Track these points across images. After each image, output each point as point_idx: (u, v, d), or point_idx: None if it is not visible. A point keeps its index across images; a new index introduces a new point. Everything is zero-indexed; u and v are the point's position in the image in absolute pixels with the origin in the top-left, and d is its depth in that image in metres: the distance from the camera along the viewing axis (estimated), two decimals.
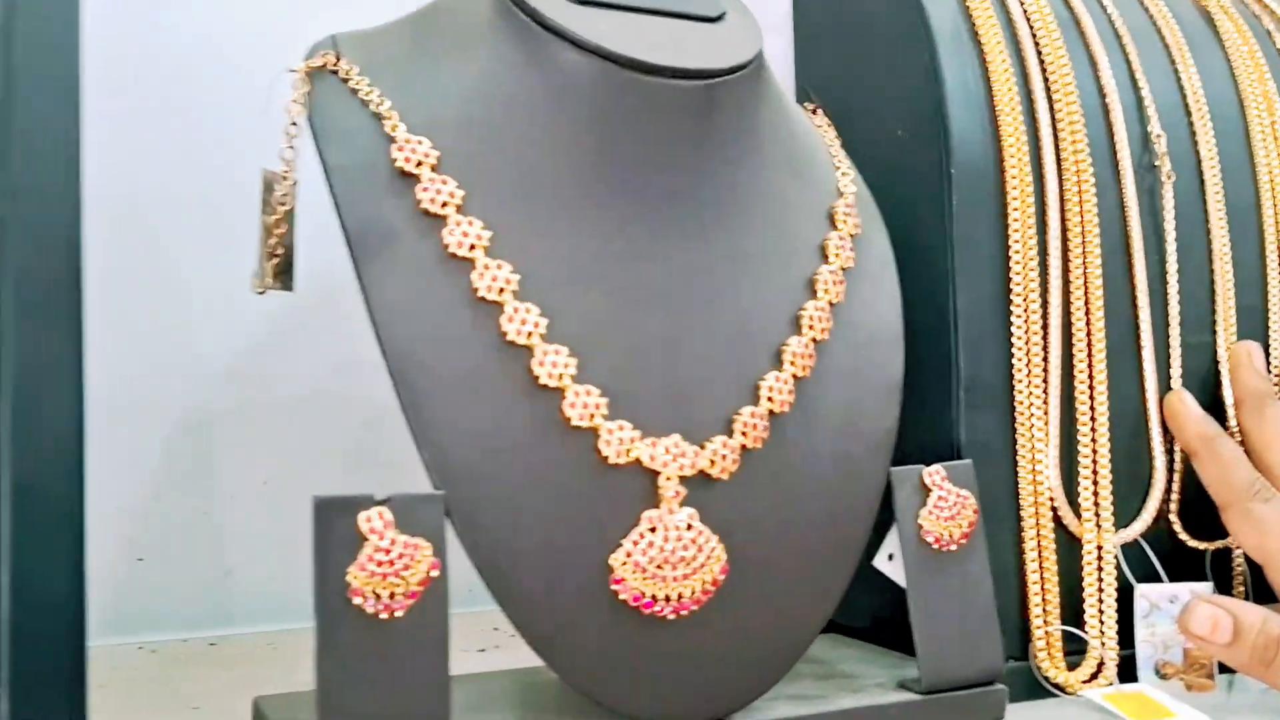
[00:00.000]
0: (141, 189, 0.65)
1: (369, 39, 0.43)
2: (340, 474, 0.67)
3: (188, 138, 0.65)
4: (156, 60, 0.65)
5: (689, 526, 0.38)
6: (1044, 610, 0.48)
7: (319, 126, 0.40)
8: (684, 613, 0.38)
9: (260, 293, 0.42)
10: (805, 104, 0.52)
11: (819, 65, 0.59)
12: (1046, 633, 0.48)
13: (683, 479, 0.39)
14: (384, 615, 0.35)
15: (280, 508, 0.64)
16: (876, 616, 0.52)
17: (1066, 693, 0.47)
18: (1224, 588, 0.52)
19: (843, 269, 0.44)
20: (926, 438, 0.49)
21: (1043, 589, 0.48)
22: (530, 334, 0.38)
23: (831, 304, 0.43)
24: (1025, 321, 0.48)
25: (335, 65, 0.42)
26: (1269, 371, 0.53)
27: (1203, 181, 0.53)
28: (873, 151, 0.52)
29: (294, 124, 0.41)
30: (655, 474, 0.38)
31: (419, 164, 0.39)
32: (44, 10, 0.37)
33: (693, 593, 0.38)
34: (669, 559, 0.38)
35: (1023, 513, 0.48)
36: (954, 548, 0.44)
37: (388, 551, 0.35)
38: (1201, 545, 0.51)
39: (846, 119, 0.54)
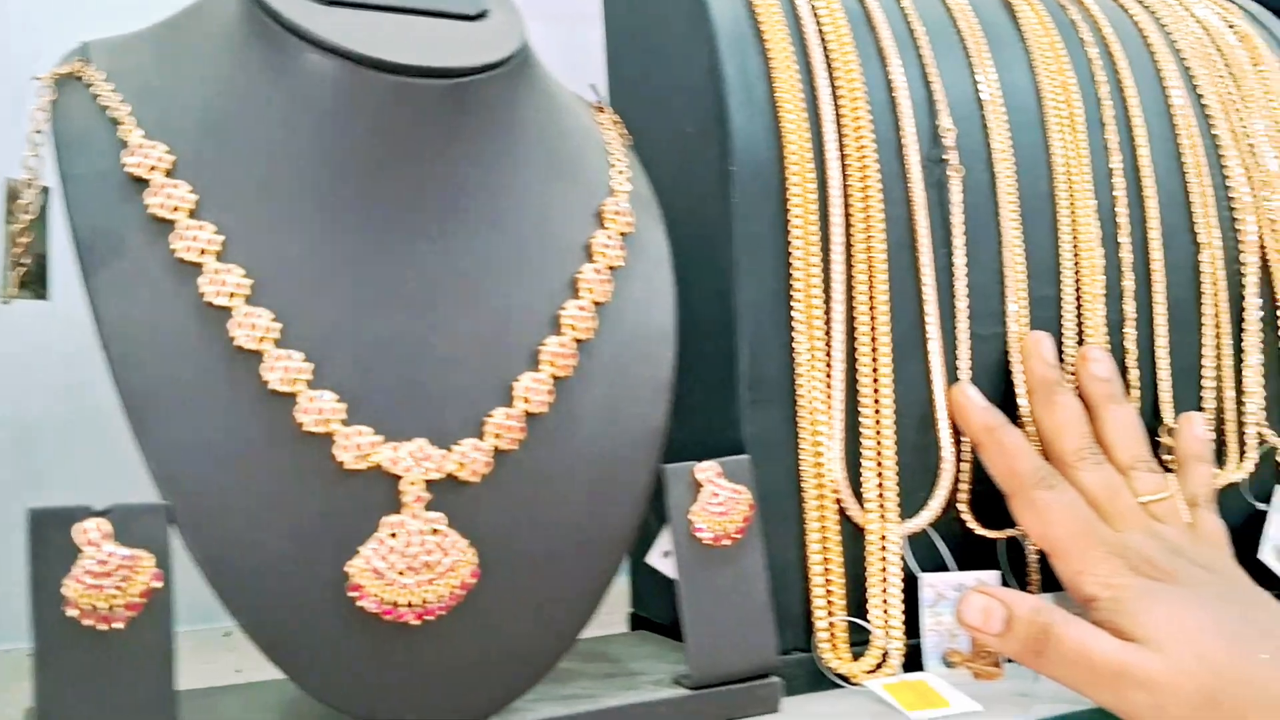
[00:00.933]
0: None
1: (119, 46, 0.43)
2: None
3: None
4: None
5: (434, 531, 0.38)
6: (828, 602, 0.48)
7: (60, 135, 0.40)
8: (429, 618, 0.38)
9: (5, 302, 0.42)
10: (595, 104, 0.51)
11: (625, 60, 0.59)
12: (830, 624, 0.48)
13: (429, 483, 0.38)
14: (103, 628, 0.34)
15: None
16: None
17: (851, 683, 0.47)
18: (1019, 576, 0.52)
19: (610, 268, 0.44)
20: (711, 434, 0.49)
21: (826, 581, 0.48)
22: (261, 339, 0.37)
23: (596, 304, 0.43)
24: (807, 317, 0.48)
25: (82, 72, 0.41)
26: (1061, 361, 0.53)
27: (994, 175, 0.53)
28: (666, 149, 0.52)
29: (38, 132, 0.40)
30: (397, 479, 0.38)
31: (152, 169, 0.38)
32: None
33: (439, 598, 0.38)
34: (411, 565, 0.38)
35: (806, 505, 0.48)
36: (728, 543, 0.44)
37: (104, 563, 0.34)
38: (992, 534, 0.51)
39: (646, 115, 0.54)
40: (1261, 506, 0.58)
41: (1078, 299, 0.55)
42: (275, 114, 0.40)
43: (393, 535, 0.38)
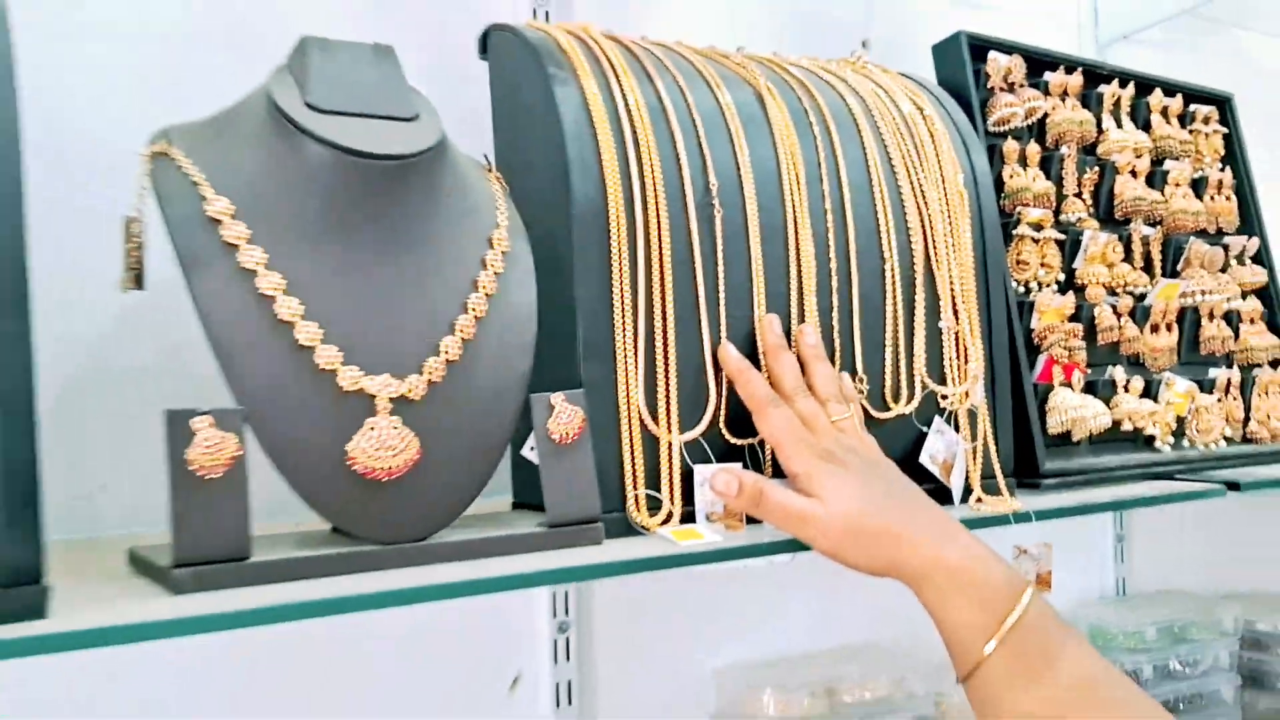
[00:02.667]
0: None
1: (191, 129, 0.69)
2: None
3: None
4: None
5: (394, 428, 0.65)
6: (635, 481, 0.77)
7: (158, 191, 0.66)
8: (394, 477, 0.65)
9: (125, 291, 0.67)
10: (486, 166, 0.79)
11: (504, 131, 0.87)
12: (635, 495, 0.76)
13: (391, 400, 0.66)
14: (205, 475, 0.60)
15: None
16: None
17: (649, 531, 0.76)
18: (758, 470, 0.82)
19: (496, 274, 0.72)
20: (562, 379, 0.77)
21: (634, 469, 0.77)
22: (293, 314, 0.64)
23: (488, 295, 0.71)
24: (621, 305, 0.77)
25: (167, 149, 0.67)
26: (788, 333, 0.83)
27: (745, 213, 0.83)
28: (533, 198, 0.80)
29: (143, 188, 0.66)
30: (373, 397, 0.65)
31: (221, 213, 0.64)
32: None
33: (398, 466, 0.65)
34: (380, 447, 0.65)
35: (621, 424, 0.77)
36: (569, 441, 0.72)
37: (209, 439, 0.60)
38: (740, 442, 0.81)
39: (520, 173, 0.82)
40: (925, 430, 0.89)
41: (800, 293, 0.84)
42: (292, 182, 0.66)
43: (371, 430, 0.65)
